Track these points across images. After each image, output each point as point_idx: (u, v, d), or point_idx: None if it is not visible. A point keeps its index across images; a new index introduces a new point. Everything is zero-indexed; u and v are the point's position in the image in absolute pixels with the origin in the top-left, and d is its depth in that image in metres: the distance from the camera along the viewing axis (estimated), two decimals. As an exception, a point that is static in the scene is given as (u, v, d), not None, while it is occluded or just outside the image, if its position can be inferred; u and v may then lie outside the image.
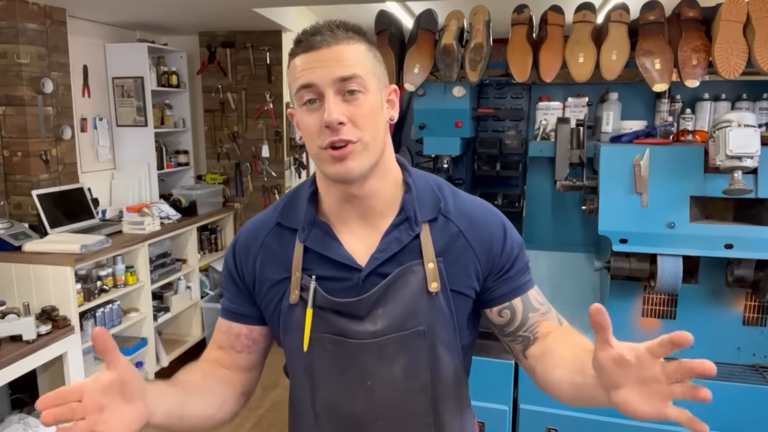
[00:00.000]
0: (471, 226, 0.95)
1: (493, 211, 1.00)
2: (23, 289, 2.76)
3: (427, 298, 0.91)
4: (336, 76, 0.83)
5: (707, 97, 2.27)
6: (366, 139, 0.86)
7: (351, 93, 0.84)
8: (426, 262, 0.91)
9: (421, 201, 0.94)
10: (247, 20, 3.77)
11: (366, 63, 0.87)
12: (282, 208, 0.99)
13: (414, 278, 0.91)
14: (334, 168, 0.86)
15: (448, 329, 0.93)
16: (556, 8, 2.25)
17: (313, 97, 0.85)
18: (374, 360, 0.91)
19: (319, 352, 0.93)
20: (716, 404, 1.93)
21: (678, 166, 1.92)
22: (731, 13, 1.97)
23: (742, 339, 2.04)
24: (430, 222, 0.94)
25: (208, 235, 4.23)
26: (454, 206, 0.96)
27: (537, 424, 2.03)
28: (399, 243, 0.92)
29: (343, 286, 0.91)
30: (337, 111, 0.83)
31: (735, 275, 1.91)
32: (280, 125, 4.24)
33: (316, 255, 0.93)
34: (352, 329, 0.91)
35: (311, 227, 0.94)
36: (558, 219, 2.42)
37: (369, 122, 0.86)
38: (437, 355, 0.93)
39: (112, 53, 3.78)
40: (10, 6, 2.93)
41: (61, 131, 3.22)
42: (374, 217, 0.94)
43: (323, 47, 0.84)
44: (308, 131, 0.87)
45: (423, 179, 0.98)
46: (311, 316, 0.91)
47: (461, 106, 2.27)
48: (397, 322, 0.91)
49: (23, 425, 2.62)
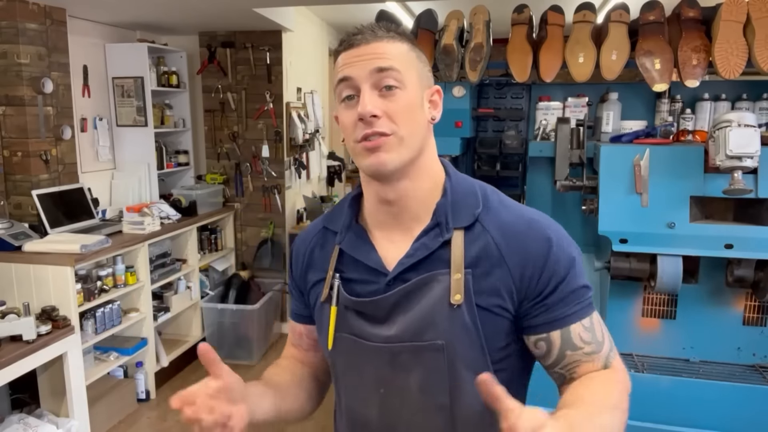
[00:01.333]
0: (507, 238, 0.86)
1: (541, 224, 0.88)
2: (23, 289, 2.76)
3: (449, 311, 0.85)
4: (372, 67, 0.83)
5: (707, 97, 2.27)
6: (401, 133, 0.84)
7: (388, 89, 0.84)
8: (453, 272, 0.86)
9: (455, 206, 0.89)
10: (247, 20, 3.77)
11: (405, 60, 0.86)
12: (329, 212, 1.02)
13: (438, 287, 0.86)
14: (367, 160, 0.85)
15: (473, 348, 0.86)
16: (556, 8, 2.25)
17: (351, 93, 0.85)
18: (388, 367, 0.90)
19: (340, 351, 0.94)
20: (716, 404, 1.94)
21: (678, 166, 1.92)
22: (731, 13, 1.97)
23: (742, 339, 2.04)
24: (465, 230, 0.88)
25: (208, 235, 4.23)
26: (497, 216, 0.89)
27: (537, 424, 2.03)
28: (426, 249, 0.88)
29: (370, 289, 0.91)
30: (372, 104, 0.82)
31: (735, 275, 1.91)
32: (280, 125, 4.24)
33: (350, 258, 0.94)
34: (368, 331, 0.91)
35: (347, 230, 0.95)
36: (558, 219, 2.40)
37: (405, 117, 0.84)
38: (458, 375, 0.87)
39: (112, 53, 3.78)
40: (10, 6, 2.93)
41: (61, 131, 3.22)
42: (409, 222, 0.91)
43: (363, 44, 0.85)
44: (345, 126, 0.87)
45: (466, 185, 0.93)
46: (335, 314, 0.93)
47: (461, 106, 2.27)
48: (413, 330, 0.87)
49: (23, 425, 2.62)
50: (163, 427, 3.19)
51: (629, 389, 0.88)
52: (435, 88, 0.92)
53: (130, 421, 3.24)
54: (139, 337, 3.42)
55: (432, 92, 0.91)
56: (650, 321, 2.10)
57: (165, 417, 3.29)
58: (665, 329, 2.09)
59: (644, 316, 2.11)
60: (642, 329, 2.11)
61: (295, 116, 4.32)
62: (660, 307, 2.09)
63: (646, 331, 2.11)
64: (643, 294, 2.09)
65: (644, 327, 2.11)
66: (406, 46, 0.88)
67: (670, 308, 2.08)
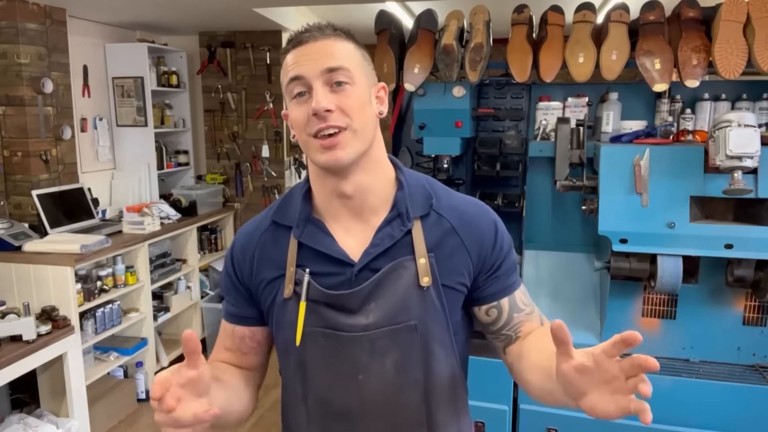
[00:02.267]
0: (463, 223, 0.97)
1: (485, 208, 1.01)
2: (23, 289, 2.76)
3: (419, 293, 0.92)
4: (323, 67, 0.86)
5: (707, 97, 2.27)
6: (355, 126, 0.88)
7: (339, 84, 0.87)
8: (418, 257, 0.93)
9: (413, 197, 0.96)
10: (247, 20, 3.77)
11: (353, 59, 0.90)
12: (277, 207, 1.01)
13: (406, 273, 0.93)
14: (323, 156, 0.88)
15: (441, 325, 0.94)
16: (556, 8, 2.25)
17: (303, 90, 0.88)
18: (366, 354, 0.92)
19: (311, 346, 0.94)
20: (716, 404, 1.94)
21: (678, 166, 1.92)
22: (731, 13, 1.97)
23: (742, 339, 2.04)
24: (422, 218, 0.95)
25: (208, 235, 4.23)
26: (447, 203, 0.98)
27: (537, 424, 2.03)
28: (391, 238, 0.93)
29: (337, 281, 0.93)
30: (325, 99, 0.86)
31: (735, 275, 1.91)
32: (280, 125, 4.24)
33: (311, 251, 0.94)
34: (343, 322, 0.92)
35: (305, 223, 0.96)
36: (558, 219, 2.42)
37: (357, 111, 0.88)
38: (430, 350, 0.94)
39: (112, 53, 3.78)
40: (10, 6, 2.93)
41: (61, 131, 3.22)
42: (366, 214, 0.95)
43: (311, 41, 0.88)
44: (297, 122, 0.89)
45: (415, 177, 1.00)
46: (304, 309, 0.93)
47: (461, 106, 2.27)
48: (389, 315, 0.92)
49: (23, 425, 2.62)
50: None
51: None
52: (380, 84, 0.97)
53: (130, 421, 3.24)
54: (139, 337, 3.42)
55: (378, 89, 0.96)
56: (650, 321, 2.10)
57: (165, 417, 3.28)
58: (665, 329, 2.09)
59: (644, 316, 2.10)
60: (642, 329, 2.11)
61: (295, 116, 4.32)
62: (660, 307, 2.09)
63: (646, 331, 2.11)
64: (643, 294, 2.09)
65: (644, 327, 2.11)
66: (352, 45, 0.92)
67: (670, 308, 2.08)
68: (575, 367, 0.73)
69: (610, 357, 0.71)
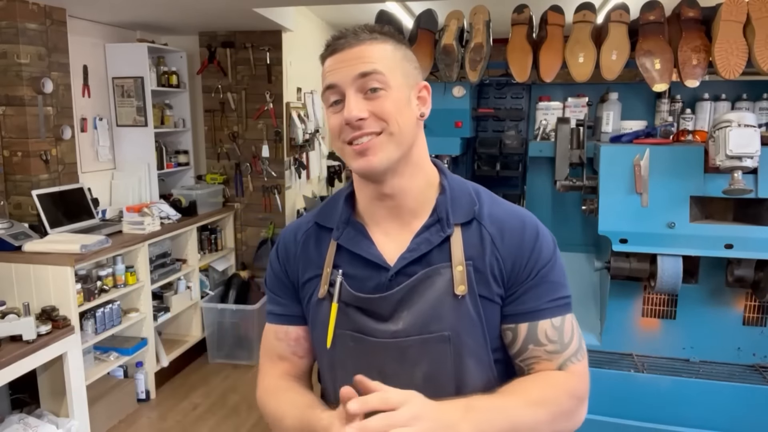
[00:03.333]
0: (503, 233, 0.92)
1: (531, 219, 0.94)
2: (23, 289, 2.76)
3: (453, 302, 0.88)
4: (356, 72, 0.85)
5: (707, 97, 2.27)
6: (392, 129, 0.85)
7: (373, 91, 0.85)
8: (455, 264, 0.89)
9: (455, 203, 0.93)
10: (247, 20, 3.77)
11: (390, 61, 0.87)
12: (321, 209, 1.01)
13: (440, 280, 0.89)
14: (356, 163, 0.87)
15: (476, 337, 0.90)
16: (556, 8, 2.25)
17: (338, 98, 0.87)
18: (395, 362, 0.90)
19: (341, 348, 0.93)
20: (716, 404, 1.94)
21: (678, 166, 1.92)
22: (731, 13, 1.97)
23: (742, 339, 2.04)
24: (463, 226, 0.92)
25: (208, 235, 4.23)
26: (490, 212, 0.94)
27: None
28: (429, 244, 0.90)
29: (371, 284, 0.91)
30: (357, 108, 0.84)
31: (735, 275, 1.91)
32: (280, 125, 4.24)
33: (348, 253, 0.93)
34: (373, 327, 0.90)
35: (345, 226, 0.95)
36: (558, 219, 2.42)
37: (393, 115, 0.85)
38: (463, 364, 0.89)
39: (112, 53, 3.78)
40: (10, 6, 2.93)
41: (61, 131, 3.22)
42: (406, 217, 0.93)
43: (346, 48, 0.86)
44: (333, 130, 0.88)
45: (460, 183, 0.97)
46: (336, 311, 0.91)
47: (461, 106, 2.27)
48: (420, 323, 0.89)
49: (23, 425, 2.62)
50: (163, 427, 3.19)
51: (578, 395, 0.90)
52: (422, 84, 0.93)
53: (130, 421, 3.24)
54: (139, 337, 3.42)
55: (420, 88, 0.92)
56: (650, 321, 2.10)
57: (165, 417, 3.29)
58: (665, 329, 2.09)
59: (644, 316, 2.10)
60: (642, 329, 2.11)
61: (295, 116, 4.32)
62: (660, 307, 2.09)
63: (646, 331, 2.11)
64: (643, 294, 2.09)
65: (644, 327, 2.11)
66: (390, 46, 0.88)
67: (670, 308, 2.08)
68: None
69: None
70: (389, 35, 0.89)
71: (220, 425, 3.17)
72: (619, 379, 1.94)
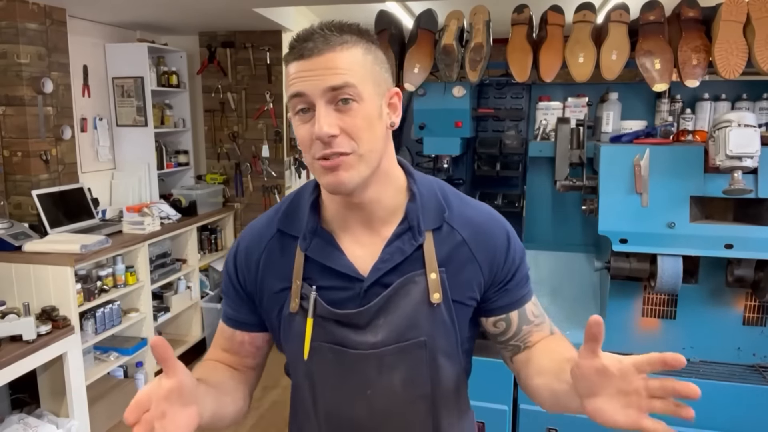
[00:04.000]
0: (475, 236, 0.93)
1: (499, 219, 0.98)
2: (23, 289, 2.76)
3: (429, 309, 0.90)
4: (326, 86, 0.80)
5: (707, 97, 2.27)
6: (361, 150, 0.82)
7: (344, 102, 0.81)
8: (428, 272, 0.90)
9: (425, 209, 0.92)
10: (247, 20, 3.77)
11: (361, 69, 0.83)
12: (283, 214, 0.96)
13: (416, 289, 0.90)
14: (326, 179, 0.84)
15: (449, 339, 0.93)
16: (556, 8, 2.25)
17: (305, 107, 0.82)
18: (374, 370, 0.91)
19: (319, 360, 0.92)
20: (716, 404, 1.94)
21: (678, 166, 1.92)
22: (731, 13, 1.97)
23: (742, 339, 2.03)
24: (433, 231, 0.92)
25: (208, 235, 4.23)
26: (459, 214, 0.94)
27: (537, 424, 2.03)
28: (402, 253, 0.90)
29: (345, 296, 0.90)
30: (328, 123, 0.80)
31: (735, 275, 1.91)
32: (280, 125, 4.24)
33: (318, 264, 0.91)
34: (352, 339, 0.90)
35: (313, 236, 0.92)
36: (558, 219, 2.42)
37: (364, 132, 0.82)
38: (437, 364, 0.93)
39: (112, 53, 3.78)
40: (10, 6, 2.93)
41: (61, 131, 3.22)
42: (377, 224, 0.92)
43: (314, 55, 0.81)
44: (302, 142, 0.84)
45: (427, 186, 0.95)
46: (311, 325, 0.90)
47: (461, 106, 2.27)
48: (397, 333, 0.90)
49: (23, 425, 2.62)
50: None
51: None
52: (393, 90, 0.89)
53: (130, 421, 3.24)
54: (139, 337, 3.42)
55: (390, 95, 0.89)
56: (650, 321, 2.10)
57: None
58: (665, 329, 2.09)
59: (644, 316, 2.10)
60: (642, 329, 2.11)
61: (295, 116, 4.32)
62: (660, 307, 2.09)
63: (646, 331, 2.11)
64: (643, 294, 2.09)
65: (644, 327, 2.11)
66: (361, 51, 0.84)
67: (670, 308, 2.08)
68: (597, 368, 0.71)
69: (639, 372, 0.69)
70: (359, 36, 0.85)
71: (220, 425, 3.17)
72: (619, 379, 1.93)
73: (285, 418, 1.09)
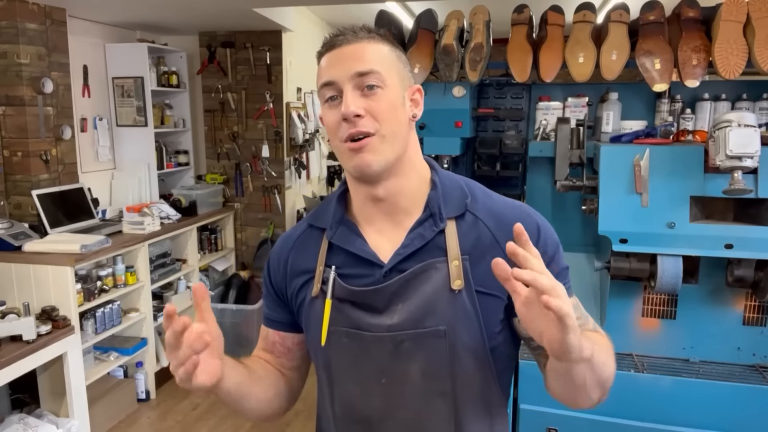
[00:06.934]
0: (502, 226, 0.91)
1: (528, 211, 0.96)
2: (23, 289, 2.76)
3: (449, 296, 0.88)
4: (354, 71, 0.86)
5: (707, 97, 2.27)
6: (384, 131, 0.87)
7: (370, 88, 0.86)
8: (450, 259, 0.89)
9: (446, 197, 0.93)
10: (247, 20, 3.77)
11: (386, 61, 0.89)
12: (314, 211, 1.02)
13: (437, 275, 0.89)
14: (353, 161, 0.87)
15: (472, 331, 0.89)
16: (556, 8, 2.25)
17: (334, 94, 0.87)
18: (389, 356, 0.89)
19: (335, 346, 0.93)
20: (716, 404, 1.94)
21: (678, 166, 1.92)
22: (731, 13, 1.97)
23: (742, 339, 2.04)
24: (457, 219, 0.92)
25: (208, 235, 4.23)
26: (484, 205, 0.94)
27: (537, 424, 2.03)
28: (422, 239, 0.90)
29: (365, 281, 0.91)
30: (355, 104, 0.85)
31: (735, 275, 1.91)
32: (280, 125, 4.24)
33: (342, 251, 0.94)
34: (367, 322, 0.90)
35: (338, 225, 0.95)
36: (558, 219, 2.42)
37: (388, 115, 0.87)
38: (458, 358, 0.89)
39: (112, 53, 3.78)
40: (10, 6, 2.93)
41: (61, 131, 3.22)
42: (400, 215, 0.93)
43: (344, 45, 0.88)
44: (330, 127, 0.89)
45: (451, 178, 0.98)
46: (329, 307, 0.92)
47: (461, 106, 2.27)
48: (415, 318, 0.88)
49: (23, 425, 2.62)
50: (163, 427, 3.19)
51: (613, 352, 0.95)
52: (416, 87, 0.95)
53: (130, 421, 3.24)
54: (139, 337, 3.42)
55: (413, 91, 0.94)
56: (650, 321, 2.10)
57: (165, 417, 3.29)
58: (665, 329, 2.09)
59: (644, 316, 2.10)
60: (642, 329, 2.11)
61: (295, 116, 4.32)
62: (660, 307, 2.09)
63: (646, 331, 2.11)
64: (643, 294, 2.09)
65: (644, 327, 2.11)
66: (387, 48, 0.90)
67: (670, 308, 2.08)
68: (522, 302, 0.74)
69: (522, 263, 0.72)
70: (386, 38, 0.91)
71: (220, 425, 3.17)
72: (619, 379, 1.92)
73: (286, 419, 1.10)
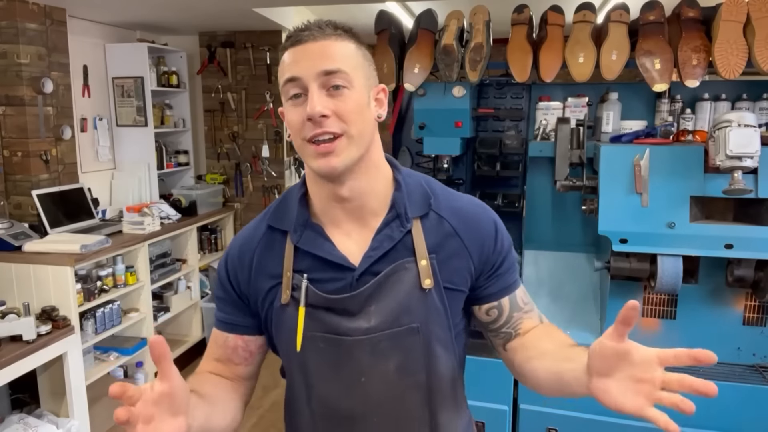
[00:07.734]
0: (464, 224, 0.96)
1: (485, 208, 1.01)
2: (23, 289, 2.76)
3: (421, 295, 0.91)
4: (320, 69, 0.83)
5: (707, 97, 2.27)
6: (351, 132, 0.85)
7: (336, 88, 0.84)
8: (419, 258, 0.92)
9: (411, 197, 0.94)
10: (247, 20, 3.77)
11: (353, 60, 0.87)
12: (273, 211, 0.99)
13: (407, 275, 0.92)
14: (317, 162, 0.86)
15: (443, 326, 0.94)
16: (556, 8, 2.25)
17: (299, 92, 0.85)
18: (368, 357, 0.91)
19: (312, 351, 0.92)
20: (716, 404, 1.94)
21: (678, 166, 1.92)
22: (731, 13, 1.97)
23: (742, 339, 2.03)
24: (421, 219, 0.94)
25: (208, 235, 4.23)
26: (446, 204, 0.97)
27: (537, 424, 2.03)
28: (391, 240, 0.92)
29: (337, 286, 0.91)
30: (321, 104, 0.83)
31: (735, 275, 1.91)
32: (280, 125, 4.24)
33: (309, 256, 0.93)
34: (345, 326, 0.91)
35: (303, 228, 0.94)
36: (558, 219, 2.42)
37: (354, 116, 0.86)
38: (432, 352, 0.93)
39: (112, 53, 3.78)
40: (10, 6, 2.93)
41: (61, 131, 3.22)
42: (366, 216, 0.94)
43: (309, 41, 0.85)
44: (293, 125, 0.87)
45: (412, 177, 0.99)
46: (303, 315, 0.91)
47: (461, 106, 2.27)
48: (391, 318, 0.91)
49: (23, 425, 2.62)
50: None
51: None
52: (380, 86, 0.94)
53: (130, 421, 3.24)
54: (139, 337, 3.42)
55: (378, 91, 0.93)
56: (650, 321, 2.10)
57: (165, 417, 3.28)
58: (665, 329, 2.09)
59: (644, 316, 2.10)
60: (642, 329, 2.11)
61: (295, 116, 4.32)
62: (660, 307, 2.09)
63: (646, 331, 2.11)
64: (643, 294, 2.09)
65: (644, 327, 2.11)
66: (353, 46, 0.89)
67: (670, 308, 2.08)
68: (619, 350, 0.71)
69: (660, 363, 0.70)
70: (351, 36, 0.90)
71: (220, 425, 3.17)
72: (619, 379, 1.93)
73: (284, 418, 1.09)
